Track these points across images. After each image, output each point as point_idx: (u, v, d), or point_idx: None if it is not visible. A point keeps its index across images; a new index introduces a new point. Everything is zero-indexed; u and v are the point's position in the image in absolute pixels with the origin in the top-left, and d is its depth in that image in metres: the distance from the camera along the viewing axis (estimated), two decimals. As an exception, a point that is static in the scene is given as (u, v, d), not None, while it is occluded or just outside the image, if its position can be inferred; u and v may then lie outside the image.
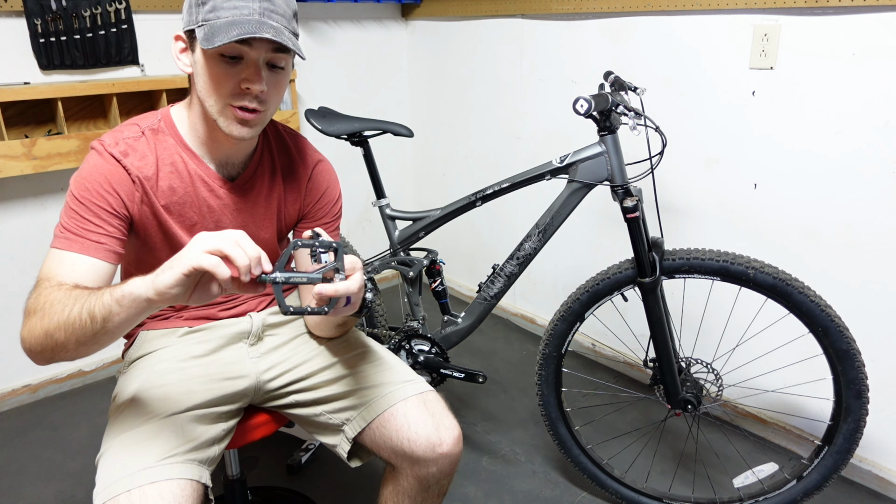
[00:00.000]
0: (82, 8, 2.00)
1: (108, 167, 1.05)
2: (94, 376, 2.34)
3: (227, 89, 1.01)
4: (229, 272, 0.82)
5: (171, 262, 0.84)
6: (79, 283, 0.98)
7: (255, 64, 1.00)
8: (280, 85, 1.05)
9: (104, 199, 1.04)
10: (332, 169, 1.29)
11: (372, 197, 1.86)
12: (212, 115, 1.04)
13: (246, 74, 1.00)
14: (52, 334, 0.91)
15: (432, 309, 1.92)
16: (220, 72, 1.00)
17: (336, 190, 1.29)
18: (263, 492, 1.77)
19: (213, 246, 0.83)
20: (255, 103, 1.02)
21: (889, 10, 1.48)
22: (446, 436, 1.12)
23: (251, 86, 1.00)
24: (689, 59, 1.88)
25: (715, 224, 1.93)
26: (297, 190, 1.23)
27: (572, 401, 2.10)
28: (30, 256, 2.15)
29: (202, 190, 1.13)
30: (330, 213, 1.28)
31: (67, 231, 1.03)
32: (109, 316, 0.88)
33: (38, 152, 1.93)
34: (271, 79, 1.03)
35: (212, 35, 0.95)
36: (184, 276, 0.82)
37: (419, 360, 1.78)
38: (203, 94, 1.03)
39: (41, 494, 1.78)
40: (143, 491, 0.94)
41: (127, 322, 0.90)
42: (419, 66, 2.86)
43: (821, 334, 1.40)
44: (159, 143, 1.10)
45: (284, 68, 1.05)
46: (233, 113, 1.02)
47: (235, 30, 0.95)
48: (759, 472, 1.60)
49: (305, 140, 1.27)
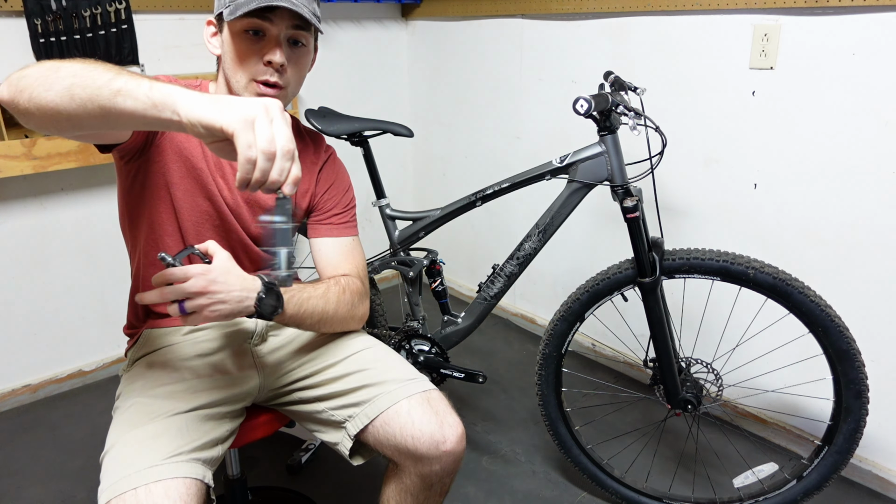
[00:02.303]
0: (82, 8, 2.00)
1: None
2: (94, 376, 2.34)
3: (251, 63, 1.06)
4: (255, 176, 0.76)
5: (218, 106, 0.75)
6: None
7: (275, 39, 1.06)
8: (301, 63, 1.11)
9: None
10: (342, 164, 1.35)
11: (372, 197, 1.87)
12: (237, 92, 1.09)
13: (268, 49, 1.06)
14: (52, 72, 0.81)
15: (432, 309, 1.92)
16: (245, 48, 1.06)
17: (346, 181, 1.34)
18: (263, 492, 1.77)
19: (256, 150, 0.75)
20: (276, 77, 1.07)
21: (889, 10, 1.49)
22: (450, 433, 1.13)
23: (272, 58, 1.05)
24: (689, 59, 1.88)
25: (715, 224, 1.93)
26: (308, 181, 1.27)
27: (572, 401, 2.10)
28: (30, 256, 2.15)
29: (213, 159, 1.16)
30: (339, 203, 1.31)
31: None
32: (129, 91, 0.76)
33: (38, 152, 1.94)
34: (292, 55, 1.09)
35: (235, 9, 1.03)
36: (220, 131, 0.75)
37: (419, 360, 1.78)
38: (229, 70, 1.09)
39: (41, 494, 1.78)
40: (148, 489, 0.94)
41: (134, 117, 0.77)
42: (419, 66, 2.86)
43: (821, 334, 1.40)
44: None
45: (306, 45, 1.11)
46: (255, 88, 1.08)
47: (256, 3, 1.01)
48: (759, 472, 1.60)
49: (321, 136, 1.34)
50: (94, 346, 2.33)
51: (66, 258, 2.21)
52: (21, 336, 2.19)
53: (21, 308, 2.17)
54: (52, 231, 2.17)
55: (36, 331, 2.21)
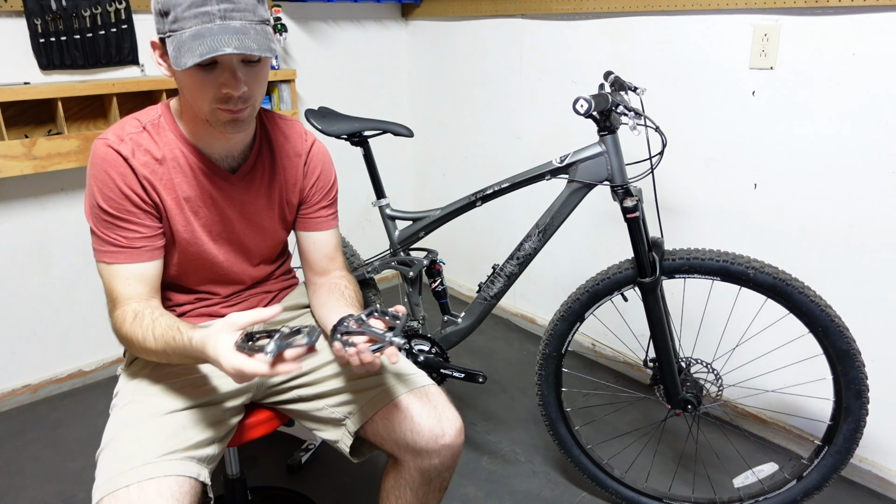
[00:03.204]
0: (82, 8, 2.00)
1: (119, 167, 1.08)
2: (94, 376, 2.34)
3: (209, 95, 1.02)
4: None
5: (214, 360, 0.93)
6: (143, 296, 1.11)
7: (229, 69, 1.00)
8: (260, 77, 1.05)
9: (128, 201, 1.09)
10: (326, 150, 1.31)
11: (372, 197, 1.86)
12: (203, 118, 1.07)
13: (223, 80, 1.00)
14: (141, 352, 1.08)
15: (432, 309, 1.92)
16: (199, 80, 1.01)
17: (331, 171, 1.31)
18: (263, 492, 1.77)
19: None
20: (240, 104, 1.03)
21: (889, 10, 1.48)
22: (448, 427, 1.14)
23: (231, 91, 1.01)
24: (689, 59, 1.88)
25: (715, 224, 1.93)
26: (296, 175, 1.26)
27: (572, 401, 2.10)
28: (30, 256, 2.15)
29: (205, 183, 1.15)
30: (327, 195, 1.29)
31: (108, 244, 1.10)
32: (178, 358, 1.03)
33: (38, 152, 1.94)
34: (250, 74, 1.03)
35: (178, 55, 0.96)
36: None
37: (419, 360, 1.78)
38: (190, 100, 1.06)
39: (41, 494, 1.78)
40: (141, 486, 0.95)
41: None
42: (419, 66, 2.86)
43: (821, 334, 1.40)
44: (161, 138, 1.12)
45: (261, 60, 1.04)
46: (221, 115, 1.04)
47: (199, 47, 0.95)
48: (759, 472, 1.60)
49: (298, 122, 1.29)
50: (94, 346, 2.33)
51: (66, 258, 2.21)
52: (21, 336, 2.19)
53: (21, 308, 2.17)
54: (52, 231, 2.17)
55: (36, 331, 2.21)
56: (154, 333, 1.03)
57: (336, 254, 1.32)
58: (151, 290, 1.13)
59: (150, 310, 1.08)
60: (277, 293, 1.35)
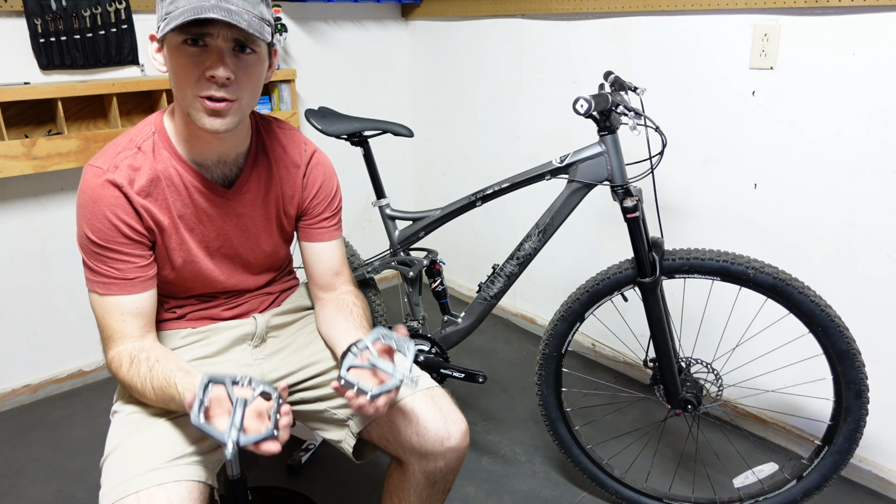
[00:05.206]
0: (82, 8, 2.00)
1: (111, 200, 1.05)
2: (94, 376, 2.34)
3: (192, 78, 0.97)
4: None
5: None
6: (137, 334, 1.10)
7: (217, 50, 0.96)
8: (251, 71, 1.01)
9: (119, 234, 1.06)
10: (328, 160, 1.27)
11: (372, 197, 1.86)
12: (186, 111, 1.02)
13: (210, 63, 0.96)
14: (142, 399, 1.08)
15: (432, 309, 1.92)
16: (185, 61, 0.97)
17: (333, 182, 1.27)
18: (263, 492, 1.77)
19: None
20: (221, 92, 0.98)
21: (889, 10, 1.48)
22: (454, 430, 1.13)
23: (213, 72, 0.96)
24: (689, 59, 1.88)
25: (715, 224, 1.93)
26: (293, 186, 1.22)
27: (572, 401, 2.10)
28: (30, 256, 2.15)
29: (200, 201, 1.12)
30: (329, 207, 1.26)
31: (101, 276, 1.07)
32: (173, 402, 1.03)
33: (38, 152, 1.94)
34: (239, 64, 0.99)
35: (168, 23, 0.94)
36: None
37: (419, 360, 1.78)
38: (175, 89, 1.02)
39: (41, 494, 1.78)
40: (150, 493, 0.94)
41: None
42: (419, 66, 2.86)
43: (821, 334, 1.40)
44: (156, 158, 1.09)
45: (256, 53, 1.01)
46: (202, 104, 0.99)
47: (187, 13, 0.92)
48: (759, 472, 1.60)
49: (297, 132, 1.25)
50: (94, 346, 2.32)
51: (66, 258, 2.21)
52: (21, 336, 2.19)
53: (21, 308, 2.17)
54: (52, 231, 2.17)
55: (36, 331, 2.21)
56: (153, 385, 1.03)
57: (342, 268, 1.29)
58: (146, 325, 1.10)
59: (146, 354, 1.06)
60: (278, 295, 1.34)
